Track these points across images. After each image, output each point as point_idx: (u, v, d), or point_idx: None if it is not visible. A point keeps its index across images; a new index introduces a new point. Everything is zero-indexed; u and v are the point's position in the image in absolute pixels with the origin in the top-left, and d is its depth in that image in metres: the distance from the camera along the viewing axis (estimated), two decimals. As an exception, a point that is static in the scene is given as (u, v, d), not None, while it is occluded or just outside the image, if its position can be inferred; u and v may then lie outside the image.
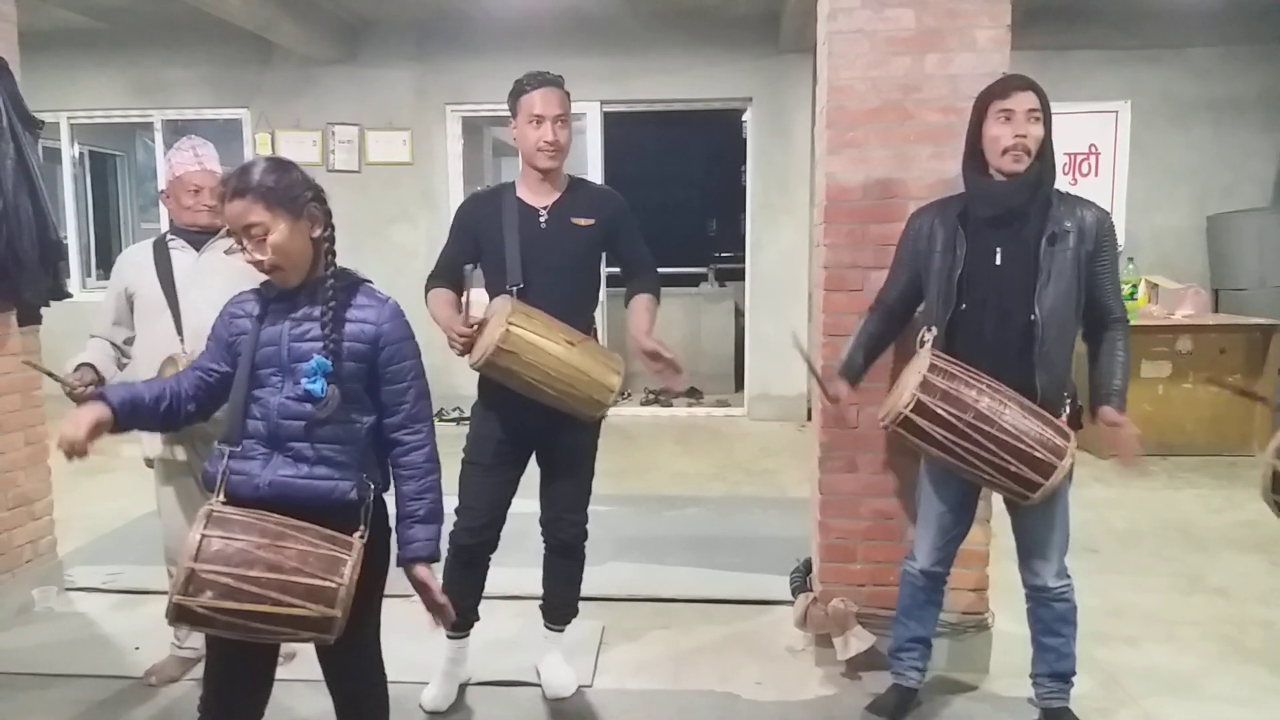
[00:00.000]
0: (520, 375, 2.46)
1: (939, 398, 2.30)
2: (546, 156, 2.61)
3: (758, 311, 7.14)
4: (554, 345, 2.46)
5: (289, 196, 1.84)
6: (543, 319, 2.50)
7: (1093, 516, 4.49)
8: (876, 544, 2.98)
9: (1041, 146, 2.36)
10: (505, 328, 2.40)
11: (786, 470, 5.61)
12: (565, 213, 2.66)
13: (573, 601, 2.91)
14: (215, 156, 2.88)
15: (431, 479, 1.97)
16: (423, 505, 1.95)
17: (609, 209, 2.74)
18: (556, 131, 2.59)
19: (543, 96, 2.59)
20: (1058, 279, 2.35)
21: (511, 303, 2.50)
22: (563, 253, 2.64)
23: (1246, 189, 6.62)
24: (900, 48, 2.89)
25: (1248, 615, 3.42)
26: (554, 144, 2.59)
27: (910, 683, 2.67)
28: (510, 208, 2.66)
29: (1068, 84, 6.57)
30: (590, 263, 2.75)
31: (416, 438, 1.96)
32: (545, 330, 2.48)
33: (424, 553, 1.94)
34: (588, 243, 2.70)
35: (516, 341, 2.41)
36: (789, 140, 6.88)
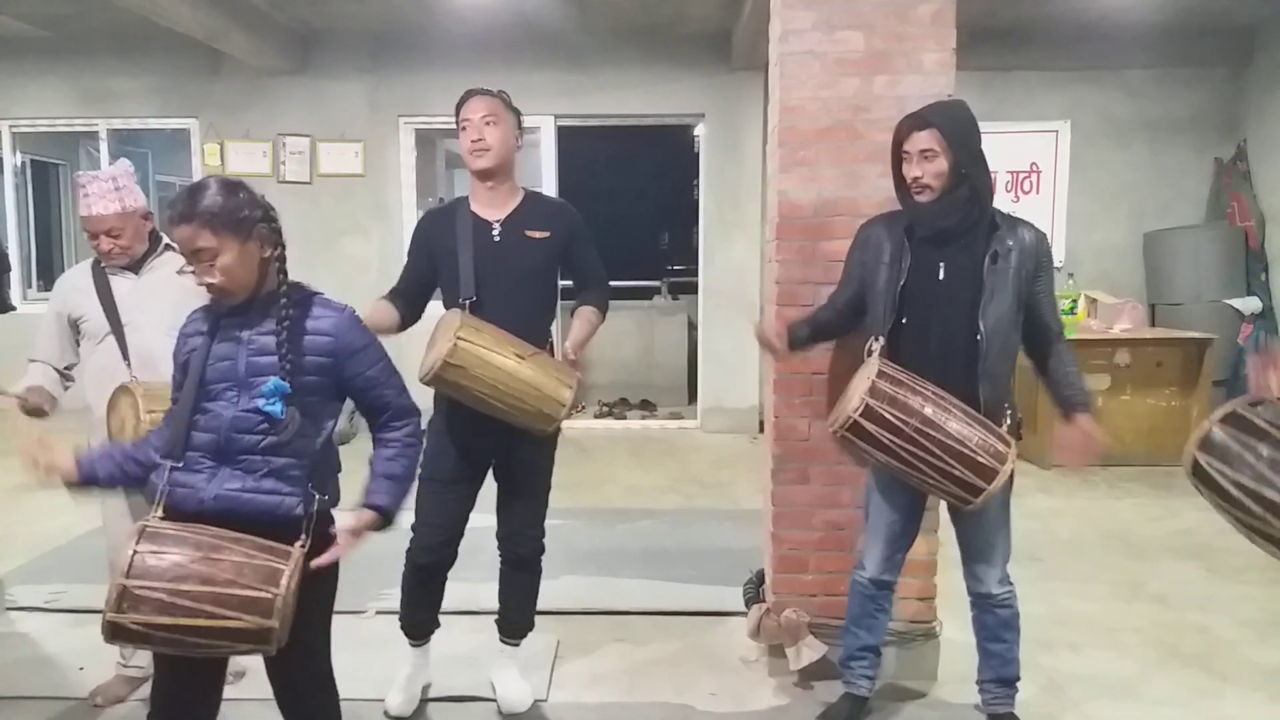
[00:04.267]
0: (469, 389, 2.46)
1: (886, 403, 2.36)
2: (476, 156, 2.64)
3: (710, 325, 7.21)
4: (503, 359, 2.47)
5: (236, 219, 1.83)
6: (493, 333, 2.50)
7: (1037, 525, 4.61)
8: (828, 554, 3.04)
9: (964, 171, 2.42)
10: (453, 342, 2.40)
11: (739, 482, 5.66)
12: (519, 225, 2.68)
13: (529, 616, 2.92)
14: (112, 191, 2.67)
15: (413, 450, 2.01)
16: (397, 464, 1.98)
17: (564, 222, 2.76)
18: (483, 130, 2.63)
19: (470, 104, 2.67)
20: (1000, 296, 2.43)
21: (461, 316, 2.50)
22: (517, 266, 2.66)
23: (1181, 207, 6.85)
24: (850, 69, 2.96)
25: (1185, 621, 3.54)
26: (480, 141, 2.63)
27: (861, 691, 2.72)
28: (464, 221, 2.68)
29: (1010, 104, 6.76)
30: (546, 276, 2.77)
31: (403, 431, 2.01)
32: (495, 344, 2.48)
33: (380, 500, 1.95)
34: (543, 255, 2.71)
35: (464, 356, 2.41)
36: (740, 156, 6.97)
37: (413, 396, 2.05)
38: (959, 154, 2.41)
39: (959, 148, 2.41)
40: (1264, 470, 1.70)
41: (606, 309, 2.86)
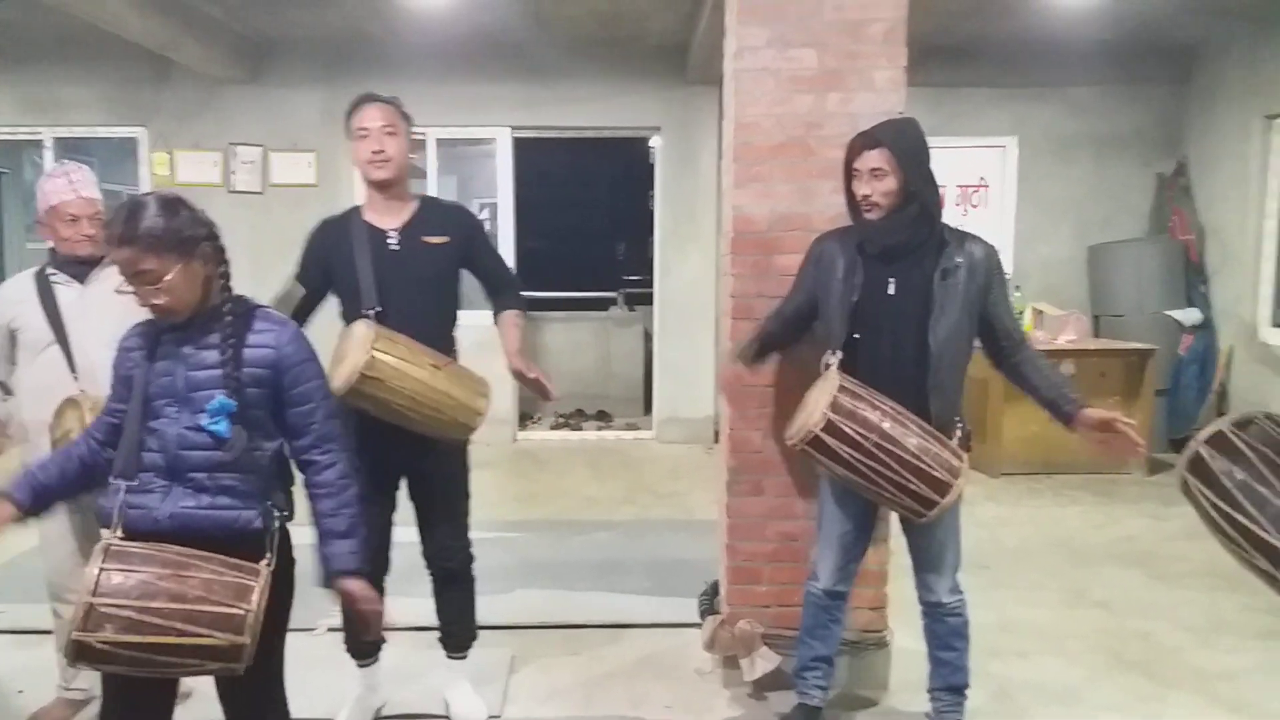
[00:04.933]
0: (386, 402, 2.43)
1: (847, 417, 2.39)
2: (375, 167, 2.61)
3: (666, 336, 7.23)
4: (419, 370, 2.44)
5: (179, 240, 1.80)
6: (406, 343, 2.48)
7: (985, 534, 4.69)
8: (782, 565, 3.06)
9: (914, 189, 2.46)
10: (370, 354, 2.36)
11: (695, 492, 5.68)
12: (416, 232, 2.65)
13: (470, 627, 2.90)
14: (92, 182, 2.74)
15: (348, 494, 1.97)
16: (341, 520, 1.95)
17: (462, 226, 2.74)
18: (383, 141, 2.59)
19: (367, 112, 2.62)
20: (950, 311, 2.47)
21: (374, 328, 2.46)
22: (417, 274, 2.63)
23: (1124, 220, 7.02)
24: (803, 86, 3.01)
25: (1128, 627, 3.62)
26: (380, 153, 2.59)
27: (814, 701, 2.74)
28: (358, 232, 2.64)
29: (960, 119, 6.89)
30: (447, 282, 2.73)
31: (328, 457, 1.96)
32: (409, 355, 2.45)
33: (349, 565, 1.94)
34: (443, 261, 2.69)
35: (381, 368, 2.38)
36: (696, 169, 7.02)
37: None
38: (908, 173, 2.45)
39: (909, 167, 2.46)
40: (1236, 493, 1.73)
41: (525, 308, 2.87)
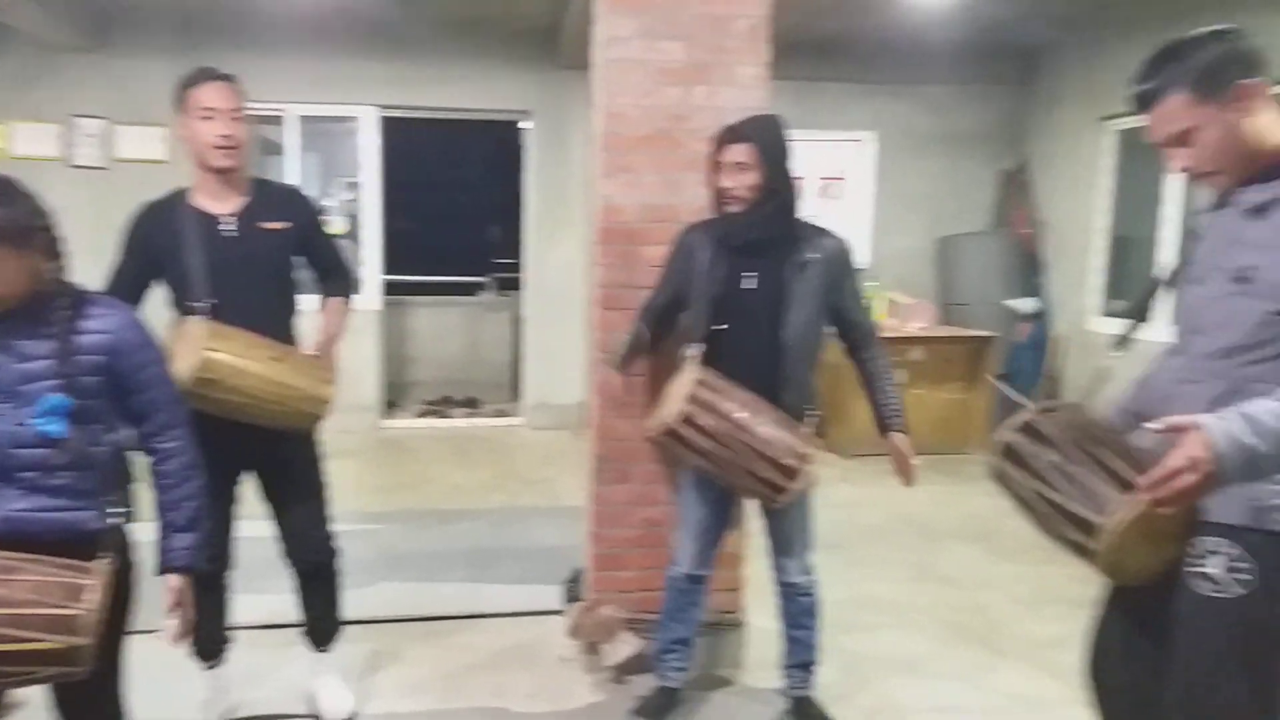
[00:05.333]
0: (224, 400, 2.33)
1: (704, 408, 2.46)
2: (223, 154, 2.45)
3: (537, 321, 7.20)
4: (258, 365, 2.35)
5: (14, 231, 1.68)
6: (242, 337, 2.38)
7: (840, 514, 4.88)
8: (646, 551, 3.12)
9: (774, 184, 2.54)
10: (202, 355, 2.26)
11: (564, 478, 5.70)
12: (252, 218, 2.52)
13: (337, 621, 2.85)
14: None
15: (191, 486, 1.91)
16: (181, 513, 1.89)
17: (302, 210, 2.65)
18: (231, 126, 2.44)
19: (215, 90, 2.45)
20: (803, 304, 2.56)
21: (206, 325, 2.35)
22: (254, 262, 2.51)
23: (971, 214, 7.41)
24: (671, 79, 3.05)
25: (969, 600, 3.86)
26: (230, 138, 2.44)
27: (673, 683, 2.82)
28: (188, 218, 2.47)
29: (821, 113, 7.10)
30: (285, 270, 2.62)
31: (171, 445, 1.90)
32: (245, 349, 2.35)
33: (179, 561, 1.88)
34: (281, 248, 2.57)
35: (216, 367, 2.28)
36: (567, 155, 7.00)
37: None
38: (770, 168, 2.53)
39: (770, 162, 2.53)
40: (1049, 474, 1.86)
41: (351, 294, 2.81)
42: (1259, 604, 1.65)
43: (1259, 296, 1.59)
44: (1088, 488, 1.77)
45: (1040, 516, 1.88)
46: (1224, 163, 1.66)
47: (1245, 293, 1.61)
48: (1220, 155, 1.65)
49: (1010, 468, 1.92)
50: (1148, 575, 1.79)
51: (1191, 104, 1.63)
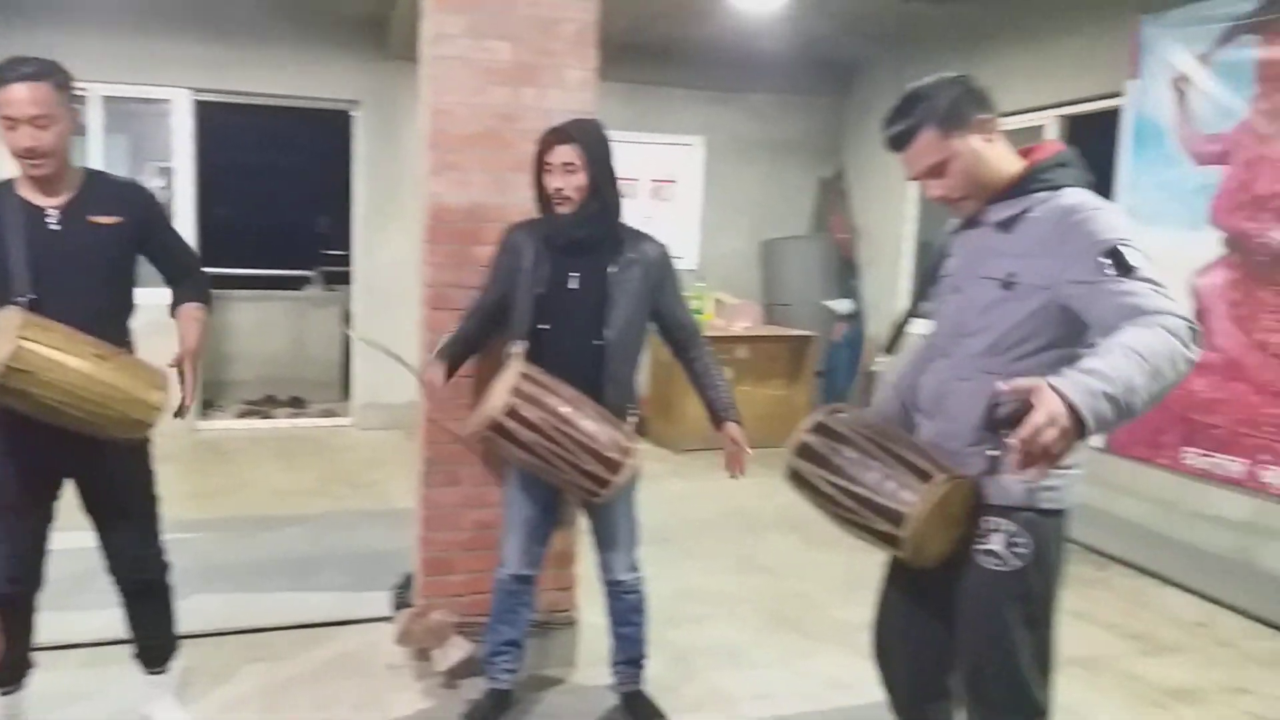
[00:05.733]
0: (39, 398, 2.15)
1: (528, 401, 2.48)
2: (30, 165, 2.28)
3: (367, 317, 6.99)
4: (79, 361, 2.19)
5: None
6: (63, 332, 2.22)
7: (669, 508, 5.01)
8: (476, 554, 3.11)
9: (599, 186, 2.59)
10: (16, 344, 2.10)
11: (394, 480, 5.57)
12: (81, 211, 2.36)
13: (172, 639, 2.72)
14: None
15: None
16: None
17: (137, 204, 2.49)
18: (37, 137, 2.24)
19: (18, 95, 2.21)
20: (624, 306, 2.63)
21: (22, 314, 2.19)
22: (82, 257, 2.35)
23: (793, 219, 7.75)
24: (498, 78, 3.04)
25: (788, 588, 4.05)
26: (33, 150, 2.25)
27: (503, 685, 2.82)
28: (11, 209, 2.31)
29: (653, 117, 7.25)
30: (119, 267, 2.45)
31: None
32: (67, 344, 2.19)
33: None
34: (113, 244, 2.41)
35: (31, 359, 2.11)
36: (398, 147, 6.83)
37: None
38: (596, 170, 2.57)
39: (596, 164, 2.58)
40: (851, 469, 1.99)
41: (210, 299, 2.64)
42: (1034, 574, 1.88)
43: (1022, 298, 1.81)
44: (890, 479, 1.92)
45: (843, 510, 2.01)
46: (972, 188, 1.88)
47: (1010, 296, 1.83)
48: (968, 182, 1.87)
49: (808, 466, 2.04)
50: (941, 557, 1.95)
51: (940, 139, 1.84)
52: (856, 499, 1.96)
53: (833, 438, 2.03)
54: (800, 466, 2.07)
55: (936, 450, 1.94)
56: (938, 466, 1.88)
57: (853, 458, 1.98)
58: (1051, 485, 1.84)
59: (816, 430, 2.06)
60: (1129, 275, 1.66)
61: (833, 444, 2.02)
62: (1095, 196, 1.83)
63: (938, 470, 1.86)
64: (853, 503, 1.97)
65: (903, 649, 2.14)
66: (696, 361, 2.78)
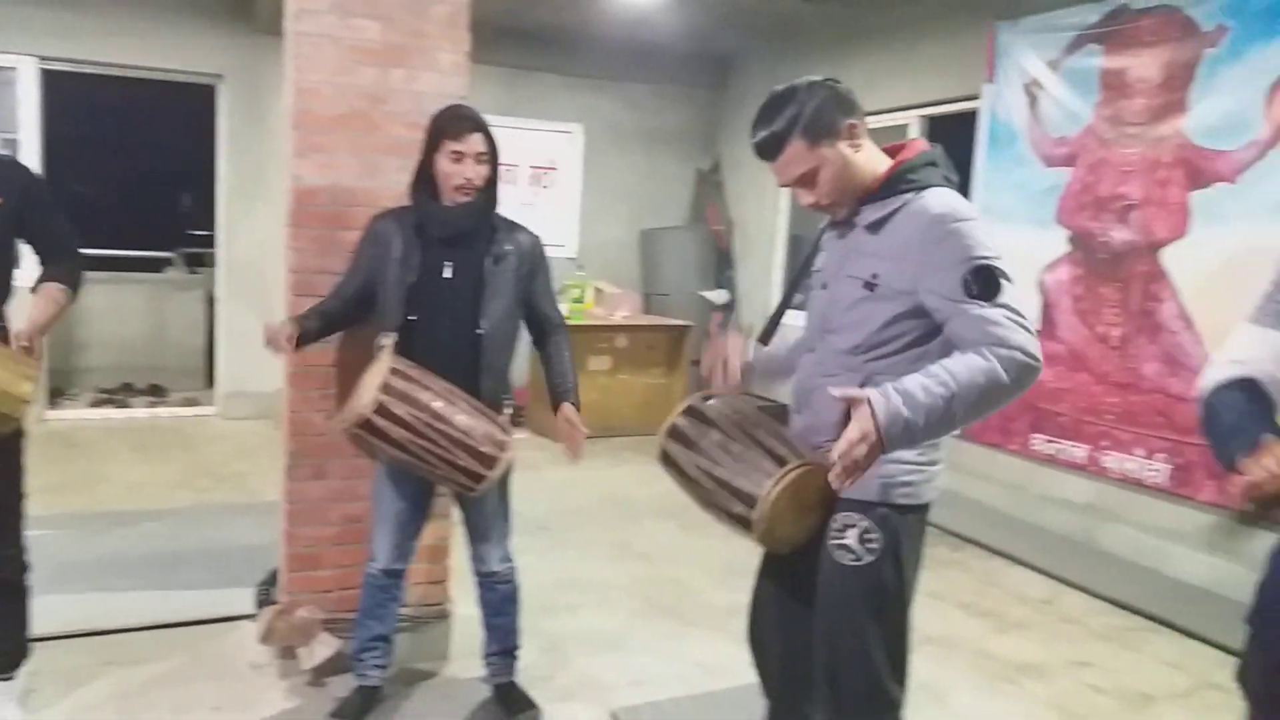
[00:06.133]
0: None
1: (399, 399, 2.42)
2: None
3: (232, 301, 6.71)
4: None
5: None
6: None
7: (548, 497, 5.01)
8: (344, 549, 3.03)
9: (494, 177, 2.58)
10: None
11: (261, 472, 5.37)
12: None
13: (23, 643, 2.60)
14: None
15: None
16: None
17: (17, 182, 2.37)
18: None
19: None
20: (501, 295, 2.61)
21: None
22: None
23: (671, 209, 7.83)
24: (366, 58, 2.95)
25: (663, 575, 4.11)
26: None
27: (372, 682, 2.77)
28: None
29: (531, 102, 7.19)
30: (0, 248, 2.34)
31: None
32: None
33: None
34: None
35: None
36: (264, 125, 6.55)
37: None
38: (496, 161, 2.56)
39: (496, 154, 2.56)
40: (714, 452, 2.03)
41: (79, 285, 2.50)
42: (886, 569, 1.91)
43: (884, 299, 1.85)
44: (748, 464, 1.97)
45: (706, 492, 2.05)
46: (841, 194, 1.90)
47: (872, 297, 1.86)
48: (837, 189, 1.89)
49: (677, 448, 2.08)
50: (794, 543, 2.01)
51: (807, 150, 1.85)
52: (716, 481, 2.01)
53: (701, 421, 2.07)
54: (670, 448, 2.10)
55: (802, 442, 1.99)
56: (795, 453, 1.92)
57: (717, 440, 2.02)
58: (907, 481, 1.89)
59: (687, 413, 2.10)
60: (989, 300, 1.71)
61: (700, 427, 2.06)
62: (961, 201, 1.84)
63: (794, 456, 1.91)
64: (713, 484, 2.02)
65: (775, 637, 2.18)
66: (552, 348, 2.76)
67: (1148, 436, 4.26)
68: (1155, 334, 4.25)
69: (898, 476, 1.89)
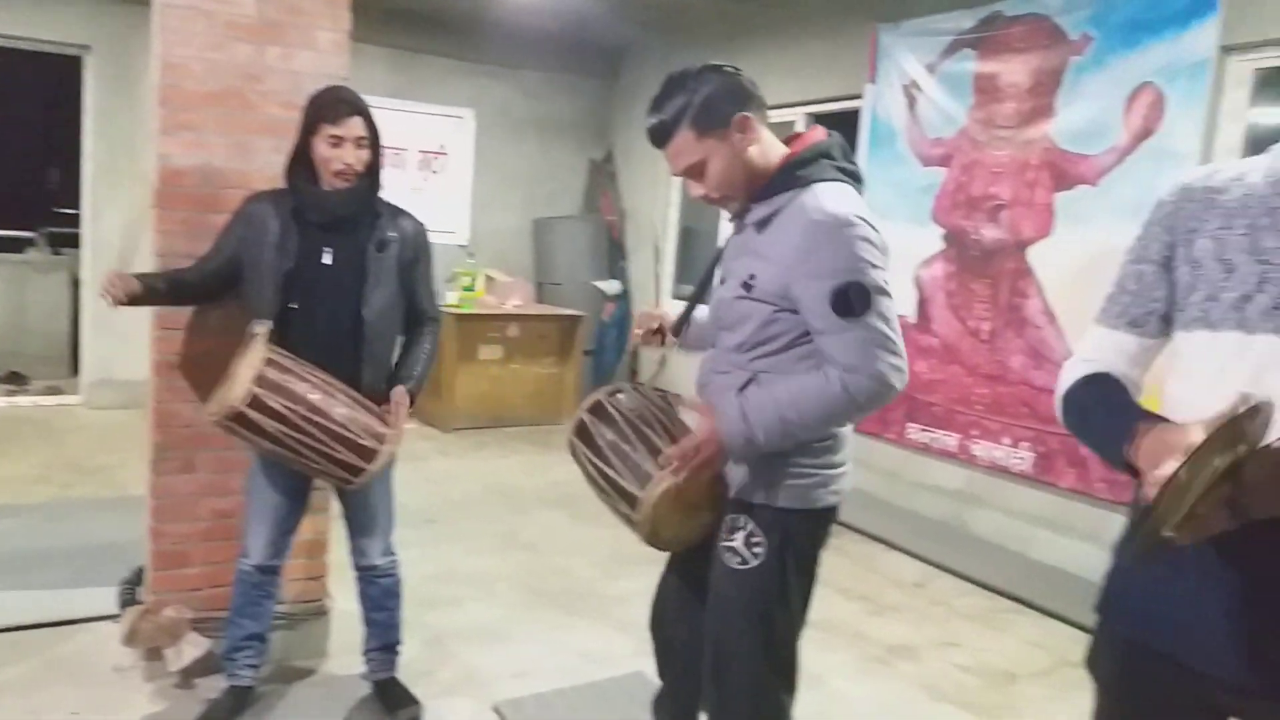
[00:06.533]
0: None
1: (273, 390, 2.33)
2: None
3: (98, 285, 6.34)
4: None
5: None
6: None
7: (434, 488, 4.93)
8: (215, 545, 2.93)
9: (376, 162, 2.51)
10: None
11: (128, 465, 5.12)
12: None
13: None
14: None
15: None
16: None
17: None
18: None
19: None
20: (384, 283, 2.54)
21: None
22: None
23: (564, 198, 7.79)
24: (241, 34, 2.84)
25: (549, 565, 4.10)
26: None
27: (245, 682, 2.67)
28: None
29: (421, 85, 7.04)
30: None
31: None
32: None
33: None
34: None
35: None
36: (135, 101, 6.22)
37: None
38: (378, 145, 2.49)
39: (378, 138, 2.49)
40: (607, 453, 2.02)
41: None
42: (773, 574, 1.91)
43: (761, 300, 1.85)
44: (635, 464, 1.97)
45: (601, 492, 2.06)
46: (731, 188, 1.90)
47: (749, 297, 1.87)
48: (726, 182, 1.88)
49: (580, 444, 2.07)
50: (686, 542, 2.02)
51: (695, 140, 1.84)
52: (608, 481, 2.01)
53: (602, 419, 2.07)
54: (574, 444, 2.09)
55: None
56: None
57: (610, 441, 2.02)
58: (796, 484, 1.88)
59: (592, 410, 2.09)
60: (854, 317, 1.73)
61: (599, 425, 2.06)
62: (844, 201, 1.79)
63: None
64: (606, 484, 2.02)
65: (677, 631, 2.17)
66: (415, 338, 2.67)
67: (1013, 426, 4.48)
68: (1021, 328, 4.46)
69: (785, 480, 1.88)
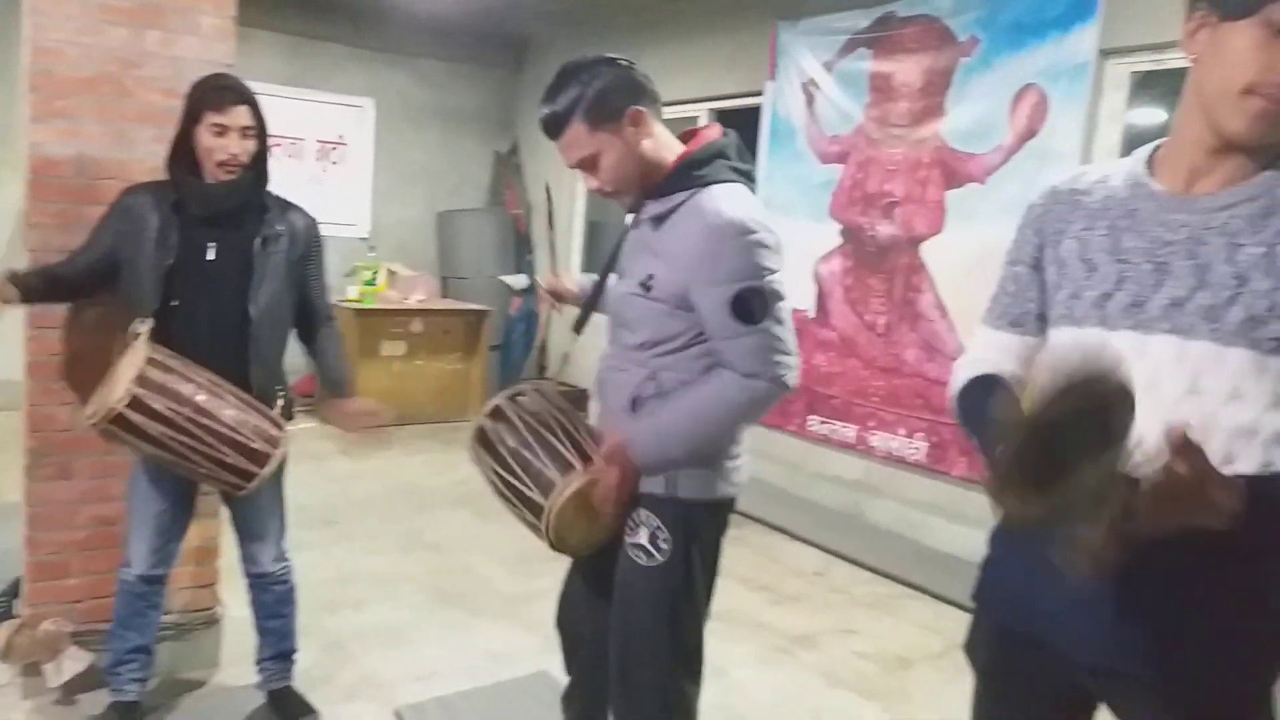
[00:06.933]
0: None
1: (156, 392, 2.23)
2: None
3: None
4: None
5: None
6: None
7: (335, 489, 4.81)
8: (95, 554, 2.79)
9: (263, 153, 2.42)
10: None
11: (4, 471, 4.82)
12: None
13: None
14: None
15: None
16: None
17: None
18: None
19: None
20: (271, 279, 2.45)
21: None
22: None
23: (468, 190, 7.69)
24: (117, 17, 2.71)
25: (454, 564, 4.04)
26: None
27: (129, 696, 2.55)
28: None
29: (318, 73, 6.84)
30: None
31: None
32: None
33: None
34: None
35: None
36: (9, 84, 5.87)
37: None
38: (265, 135, 2.40)
39: (265, 128, 2.40)
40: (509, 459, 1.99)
41: None
42: (679, 569, 1.91)
43: (659, 300, 1.85)
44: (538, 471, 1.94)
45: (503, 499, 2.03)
46: (624, 183, 1.89)
47: (648, 297, 1.86)
48: (619, 177, 1.87)
49: (480, 451, 2.04)
50: (594, 545, 2.01)
51: (588, 133, 1.83)
52: (510, 488, 1.98)
53: (502, 423, 2.03)
54: (476, 451, 2.06)
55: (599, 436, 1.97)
56: (583, 458, 1.91)
57: (511, 447, 1.99)
58: (697, 472, 1.88)
59: (492, 415, 2.06)
60: (751, 323, 1.75)
61: (500, 430, 2.02)
62: (740, 204, 1.78)
63: (581, 462, 1.90)
64: (508, 491, 1.99)
65: (584, 628, 2.16)
66: (323, 341, 2.64)
67: (908, 417, 4.61)
68: (915, 322, 4.59)
69: (684, 470, 1.88)
